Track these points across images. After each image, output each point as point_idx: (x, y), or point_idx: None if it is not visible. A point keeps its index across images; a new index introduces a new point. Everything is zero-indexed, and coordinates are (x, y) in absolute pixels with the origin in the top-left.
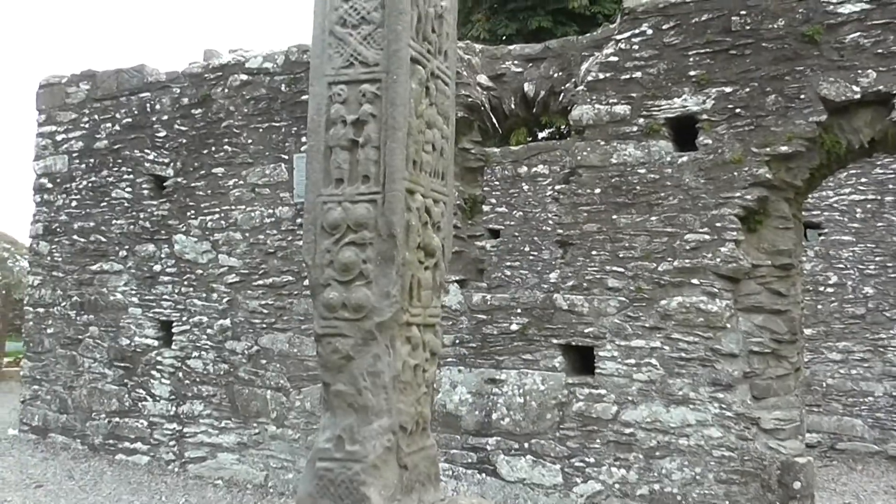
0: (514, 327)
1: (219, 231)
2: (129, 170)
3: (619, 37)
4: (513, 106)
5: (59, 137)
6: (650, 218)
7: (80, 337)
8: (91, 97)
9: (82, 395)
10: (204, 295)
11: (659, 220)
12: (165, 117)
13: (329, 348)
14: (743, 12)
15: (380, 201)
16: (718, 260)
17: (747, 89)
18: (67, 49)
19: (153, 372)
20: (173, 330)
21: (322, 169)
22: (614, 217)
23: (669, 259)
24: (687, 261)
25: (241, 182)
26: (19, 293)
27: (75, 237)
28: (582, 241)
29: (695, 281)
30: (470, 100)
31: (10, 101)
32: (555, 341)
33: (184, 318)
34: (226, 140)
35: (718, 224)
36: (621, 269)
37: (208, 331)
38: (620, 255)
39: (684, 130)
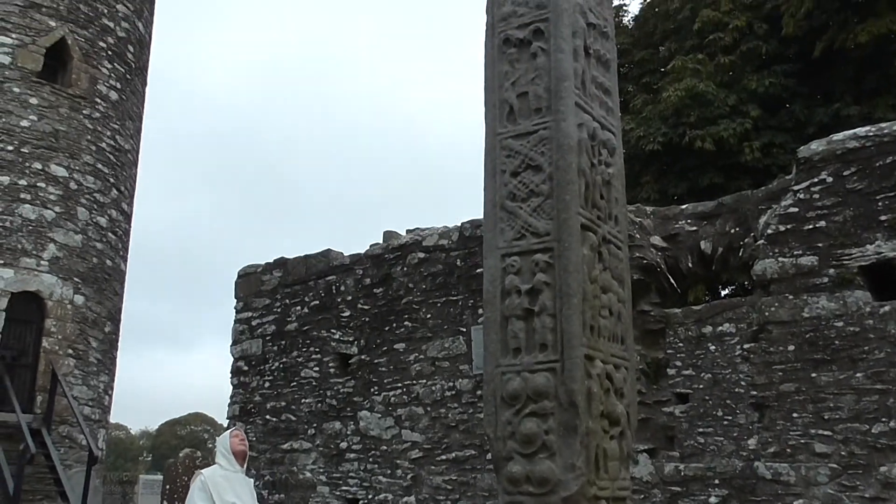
0: (712, 500)
1: (401, 406)
2: (317, 349)
3: (796, 187)
4: (690, 265)
5: (254, 322)
6: (855, 374)
7: None
8: (282, 283)
9: None
10: (388, 471)
11: (865, 376)
12: (349, 297)
13: None
14: None
15: (559, 369)
16: None
17: None
18: (265, 238)
19: None
20: None
21: (499, 339)
22: (813, 375)
23: (884, 419)
24: None
25: (422, 356)
26: None
27: (268, 417)
28: (780, 402)
29: None
30: (645, 261)
31: (208, 289)
32: None
33: (370, 496)
34: (406, 316)
35: None
36: (828, 433)
37: None
38: (825, 417)
39: (882, 278)
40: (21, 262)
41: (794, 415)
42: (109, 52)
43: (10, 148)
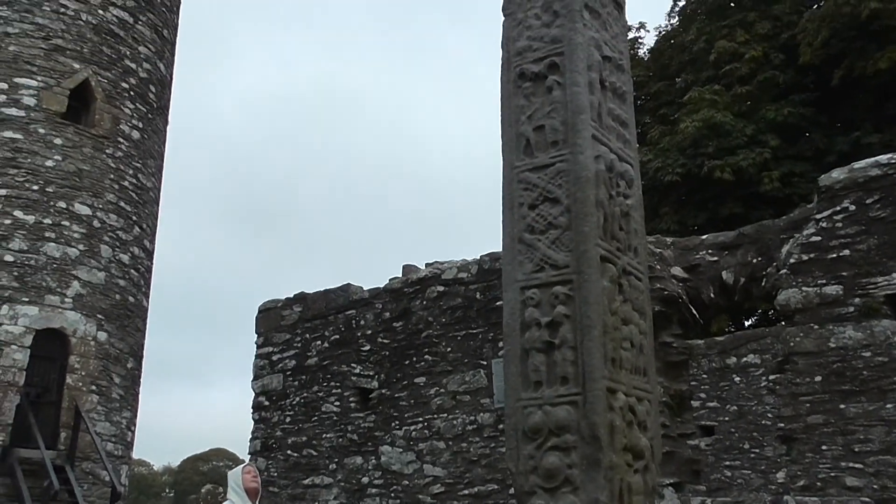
0: None
1: (422, 441)
2: (337, 384)
3: (818, 216)
4: (711, 295)
5: (275, 357)
6: (885, 406)
7: None
8: (303, 318)
9: None
10: None
11: None
12: (369, 332)
13: None
14: None
15: (580, 402)
16: None
17: None
18: (284, 274)
19: None
20: None
21: (520, 373)
22: (841, 407)
23: None
24: None
25: (442, 390)
26: None
27: (289, 452)
28: (808, 434)
29: None
30: (666, 293)
31: (229, 325)
32: None
33: None
34: (426, 350)
35: None
36: (859, 465)
37: None
38: (856, 450)
39: None
40: (45, 299)
41: (823, 447)
42: (132, 93)
43: (35, 188)
